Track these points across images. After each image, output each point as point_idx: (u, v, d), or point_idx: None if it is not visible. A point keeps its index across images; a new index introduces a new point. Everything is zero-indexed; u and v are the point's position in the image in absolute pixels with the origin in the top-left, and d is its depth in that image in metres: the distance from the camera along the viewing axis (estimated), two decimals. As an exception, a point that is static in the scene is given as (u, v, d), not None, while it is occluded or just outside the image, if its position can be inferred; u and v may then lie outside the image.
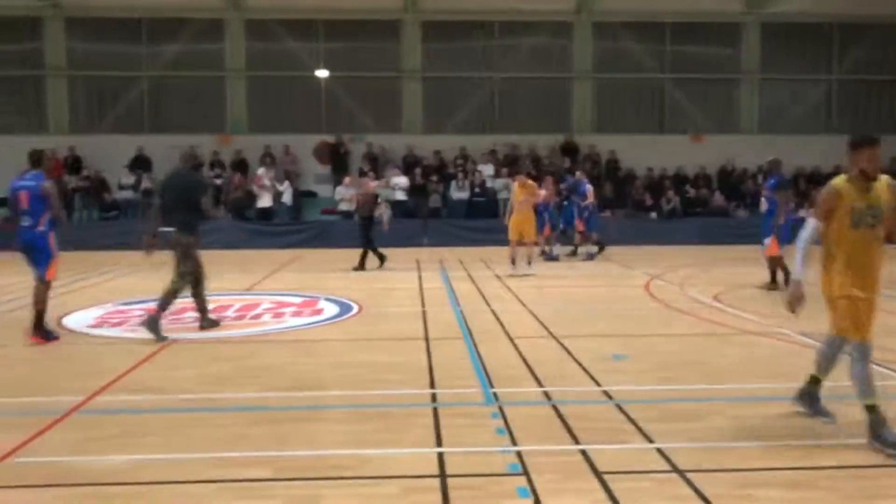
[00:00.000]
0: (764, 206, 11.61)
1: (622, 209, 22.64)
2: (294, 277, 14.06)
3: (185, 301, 10.44)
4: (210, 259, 9.10)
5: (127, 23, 23.65)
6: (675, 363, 7.11)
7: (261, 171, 21.89)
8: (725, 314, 9.67)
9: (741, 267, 14.23)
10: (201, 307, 8.79)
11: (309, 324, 9.34)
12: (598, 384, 6.26)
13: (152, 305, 8.53)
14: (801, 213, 22.43)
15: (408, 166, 23.17)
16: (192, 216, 8.45)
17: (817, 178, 23.82)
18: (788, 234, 11.12)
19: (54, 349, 7.97)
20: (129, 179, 22.37)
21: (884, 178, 4.92)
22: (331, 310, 10.21)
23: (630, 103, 24.88)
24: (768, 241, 11.30)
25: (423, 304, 10.68)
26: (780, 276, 11.36)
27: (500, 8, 23.30)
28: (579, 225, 17.06)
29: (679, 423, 5.26)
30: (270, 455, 4.69)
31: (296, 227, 21.47)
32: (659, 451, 4.69)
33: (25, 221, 8.01)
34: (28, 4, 22.60)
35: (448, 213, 22.30)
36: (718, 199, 22.78)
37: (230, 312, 9.93)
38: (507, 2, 22.91)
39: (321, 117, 24.24)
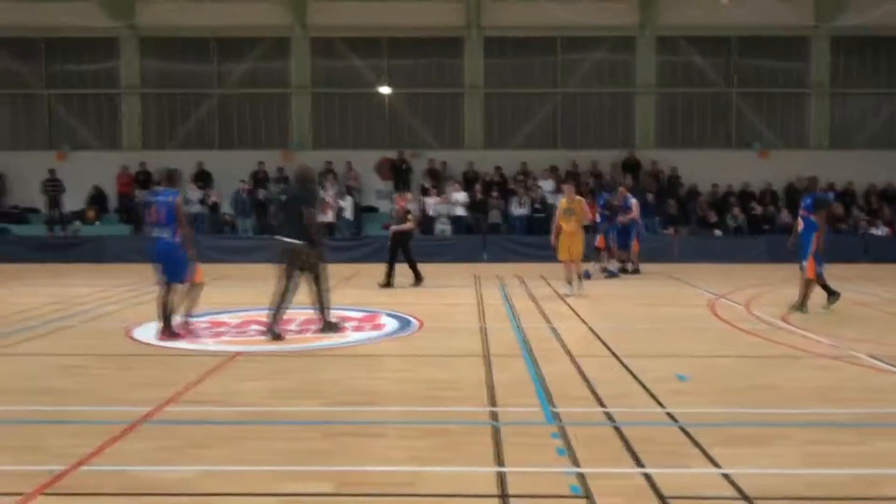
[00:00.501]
0: (800, 226, 11.28)
1: (685, 226, 22.27)
2: (355, 292, 14.17)
3: (249, 314, 10.68)
4: (273, 273, 9.26)
5: (198, 42, 24.41)
6: (741, 386, 6.92)
7: (327, 194, 21.92)
8: (794, 335, 9.38)
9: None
10: (273, 318, 9.09)
11: (370, 338, 9.40)
12: (661, 405, 6.14)
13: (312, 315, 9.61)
14: (874, 230, 21.77)
15: (468, 182, 23.24)
16: (307, 226, 9.10)
17: (890, 195, 23.09)
18: (820, 257, 10.89)
19: (124, 360, 8.20)
20: (197, 194, 22.95)
21: None
22: (391, 325, 10.27)
23: (694, 118, 24.49)
24: (806, 262, 10.98)
25: (482, 321, 10.65)
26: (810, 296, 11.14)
27: (563, 24, 23.19)
28: (600, 241, 16.72)
29: (746, 448, 5.13)
30: (333, 470, 4.73)
31: (357, 242, 21.69)
32: (725, 476, 4.57)
33: (158, 232, 8.89)
34: (105, 26, 23.48)
35: (508, 229, 22.27)
36: (786, 216, 22.17)
37: (293, 326, 10.06)
38: (570, 18, 22.81)
39: (383, 133, 24.55)
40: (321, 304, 9.50)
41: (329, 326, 9.55)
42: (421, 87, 24.47)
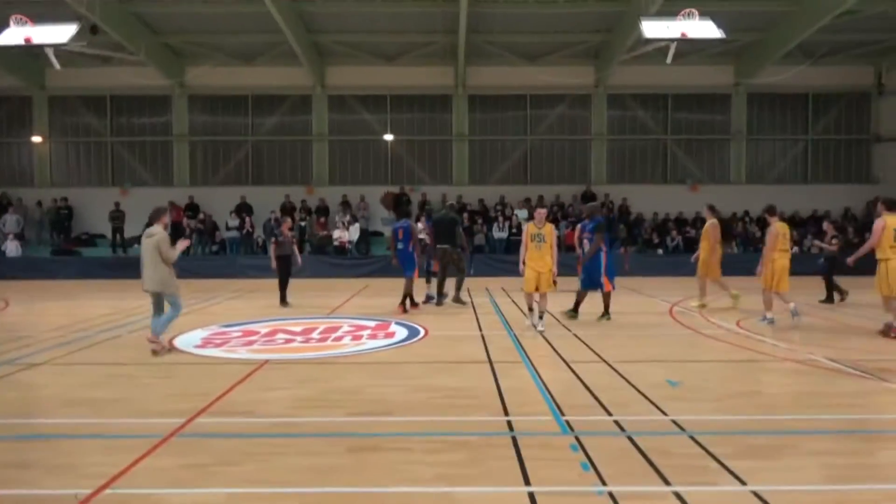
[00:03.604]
0: (587, 246, 10.20)
1: (633, 246, 21.38)
2: (367, 302, 13.11)
3: (277, 323, 9.58)
4: (300, 286, 8.18)
5: (236, 99, 23.30)
6: (729, 392, 5.90)
7: (341, 234, 20.80)
8: (753, 340, 8.41)
9: (744, 297, 12.84)
10: (459, 285, 11.96)
11: (384, 346, 8.32)
12: (663, 413, 5.12)
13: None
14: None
15: (457, 211, 22.18)
16: (456, 238, 11.78)
17: (796, 221, 22.30)
18: (614, 271, 10.44)
19: (165, 368, 7.07)
20: (234, 222, 21.79)
21: None
22: (401, 333, 9.20)
23: (638, 159, 23.65)
24: (602, 279, 10.18)
25: (480, 329, 9.58)
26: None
27: (533, 84, 22.44)
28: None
29: (761, 461, 4.11)
30: (360, 491, 3.67)
31: (366, 260, 20.60)
32: (755, 493, 3.56)
33: (401, 245, 11.27)
34: (160, 84, 22.39)
35: (490, 249, 21.27)
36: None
37: (315, 334, 8.98)
38: (539, 79, 22.05)
39: (387, 172, 23.53)
40: (457, 286, 11.91)
41: (459, 300, 11.92)
42: (417, 135, 23.50)
